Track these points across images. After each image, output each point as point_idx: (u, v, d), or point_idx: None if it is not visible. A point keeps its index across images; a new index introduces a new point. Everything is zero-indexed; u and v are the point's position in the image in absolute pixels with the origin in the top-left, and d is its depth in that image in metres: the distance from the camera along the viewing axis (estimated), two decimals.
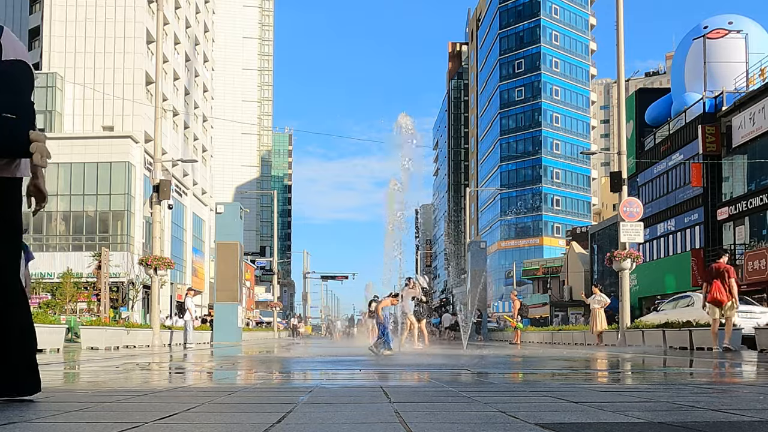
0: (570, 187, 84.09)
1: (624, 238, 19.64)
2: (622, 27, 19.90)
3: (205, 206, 61.46)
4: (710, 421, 2.73)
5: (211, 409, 3.29)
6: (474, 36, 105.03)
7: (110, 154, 42.18)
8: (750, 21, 39.95)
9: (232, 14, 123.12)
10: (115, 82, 44.86)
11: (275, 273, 54.92)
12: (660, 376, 7.09)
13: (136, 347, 17.98)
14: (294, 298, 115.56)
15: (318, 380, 6.24)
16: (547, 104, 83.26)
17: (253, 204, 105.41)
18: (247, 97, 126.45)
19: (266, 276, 71.53)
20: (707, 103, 35.96)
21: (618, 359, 10.90)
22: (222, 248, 29.40)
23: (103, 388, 4.98)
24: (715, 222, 35.19)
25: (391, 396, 3.84)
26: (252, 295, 72.61)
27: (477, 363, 9.98)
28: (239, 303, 29.07)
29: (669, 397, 3.87)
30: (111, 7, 45.52)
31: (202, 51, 63.68)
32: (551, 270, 67.83)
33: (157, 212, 22.27)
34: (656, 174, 41.68)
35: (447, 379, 6.56)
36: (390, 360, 10.77)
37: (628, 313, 20.05)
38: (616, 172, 20.69)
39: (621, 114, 21.90)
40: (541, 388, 4.91)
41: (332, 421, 2.73)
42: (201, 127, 63.28)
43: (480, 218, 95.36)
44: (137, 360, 10.66)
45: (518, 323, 27.76)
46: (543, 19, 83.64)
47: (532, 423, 2.62)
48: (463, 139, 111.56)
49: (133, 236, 43.00)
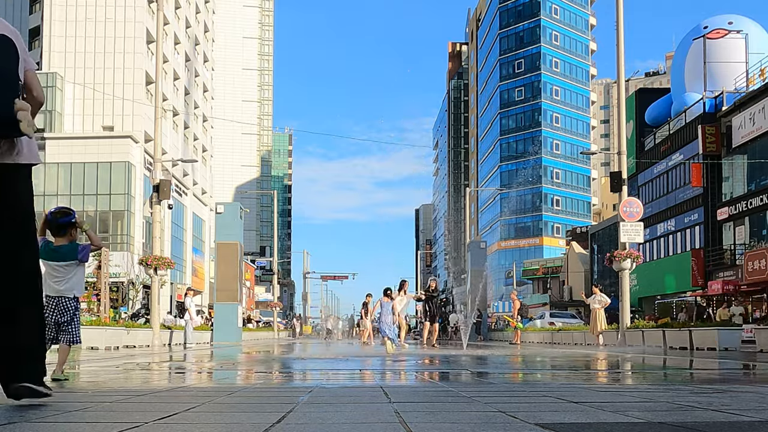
0: (570, 187, 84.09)
1: (624, 238, 19.64)
2: (622, 27, 19.91)
3: (205, 206, 61.45)
4: (710, 421, 2.73)
5: (211, 409, 3.29)
6: (474, 36, 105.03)
7: (110, 154, 42.16)
8: (750, 21, 39.95)
9: (232, 14, 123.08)
10: (115, 82, 44.83)
11: (275, 273, 54.92)
12: (660, 376, 7.09)
13: (136, 347, 17.98)
14: (294, 298, 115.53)
15: (318, 380, 6.24)
16: (547, 104, 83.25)
17: (253, 204, 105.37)
18: (247, 97, 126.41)
19: (266, 276, 71.55)
20: (707, 103, 35.96)
21: (618, 359, 10.90)
22: (222, 248, 29.39)
23: (103, 388, 4.98)
24: (715, 222, 35.19)
25: (391, 396, 3.84)
26: (252, 295, 72.58)
27: (477, 363, 9.97)
28: (239, 303, 29.06)
29: (669, 397, 3.87)
30: (111, 7, 45.48)
31: (202, 51, 63.67)
32: (551, 270, 67.81)
33: (157, 212, 22.28)
34: (656, 174, 41.68)
35: (447, 378, 6.56)
36: (390, 359, 10.76)
37: (628, 314, 20.07)
38: (616, 172, 20.69)
39: (621, 114, 21.91)
40: (541, 388, 4.91)
41: (332, 421, 2.73)
42: (201, 127, 63.27)
43: (480, 218, 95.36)
44: (137, 360, 10.67)
45: (518, 323, 27.76)
46: (543, 19, 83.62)
47: (532, 423, 2.62)
48: (463, 139, 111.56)
49: (133, 236, 42.99)
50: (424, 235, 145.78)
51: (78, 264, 5.40)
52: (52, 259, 5.29)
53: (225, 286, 28.75)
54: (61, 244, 5.29)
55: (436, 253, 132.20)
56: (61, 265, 5.33)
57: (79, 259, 5.38)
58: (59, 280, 5.34)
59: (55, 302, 5.37)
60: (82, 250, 5.36)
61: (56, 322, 5.38)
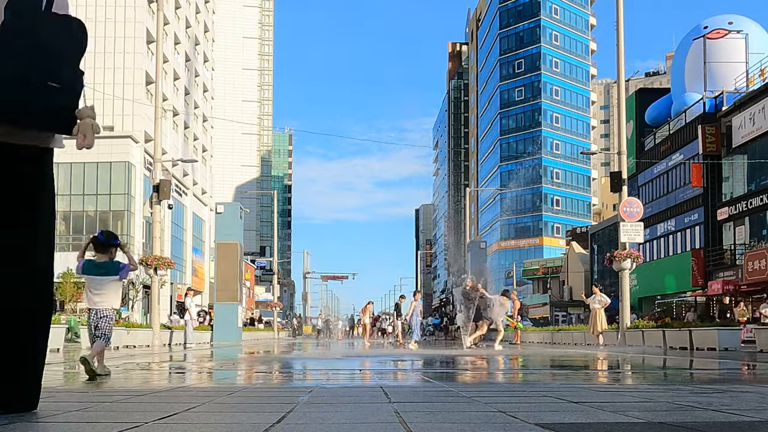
0: (570, 187, 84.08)
1: (624, 238, 19.64)
2: (622, 27, 19.90)
3: (205, 206, 61.44)
4: (710, 421, 2.73)
5: (211, 409, 3.29)
6: (474, 36, 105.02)
7: (110, 154, 42.13)
8: (750, 21, 39.95)
9: (232, 14, 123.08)
10: (115, 82, 44.81)
11: (275, 273, 54.91)
12: (660, 376, 7.09)
13: (136, 347, 17.98)
14: (294, 298, 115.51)
15: (318, 380, 6.24)
16: (547, 104, 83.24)
17: (253, 204, 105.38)
18: (247, 97, 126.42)
19: (266, 276, 71.51)
20: (707, 103, 35.96)
21: (618, 359, 10.90)
22: (222, 248, 29.39)
23: (103, 388, 4.98)
24: (715, 222, 35.19)
25: (391, 396, 3.84)
26: (252, 295, 72.57)
27: (477, 363, 9.97)
28: (239, 303, 29.06)
29: (669, 397, 3.87)
30: (111, 7, 45.48)
31: (202, 51, 63.67)
32: (551, 270, 67.82)
33: (157, 212, 22.28)
34: (656, 174, 41.68)
35: (447, 378, 6.56)
36: (390, 360, 10.78)
37: (628, 314, 20.06)
38: (616, 172, 20.69)
39: (621, 114, 21.90)
40: (541, 388, 4.91)
41: (332, 421, 2.73)
42: (201, 127, 63.27)
43: (480, 218, 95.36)
44: (137, 360, 10.66)
45: (518, 323, 27.73)
46: (543, 19, 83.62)
47: (532, 423, 2.62)
48: (463, 139, 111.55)
49: (133, 236, 42.98)
50: (424, 235, 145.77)
51: (117, 280, 6.11)
52: (97, 274, 6.00)
53: (225, 286, 28.75)
54: (104, 261, 5.99)
55: (436, 253, 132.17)
56: (103, 280, 6.03)
57: (119, 277, 6.07)
58: (99, 293, 6.06)
59: (94, 313, 6.12)
60: (123, 269, 6.06)
61: (96, 326, 6.12)
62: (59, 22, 2.75)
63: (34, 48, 2.68)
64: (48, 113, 2.72)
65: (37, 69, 2.67)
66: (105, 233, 6.07)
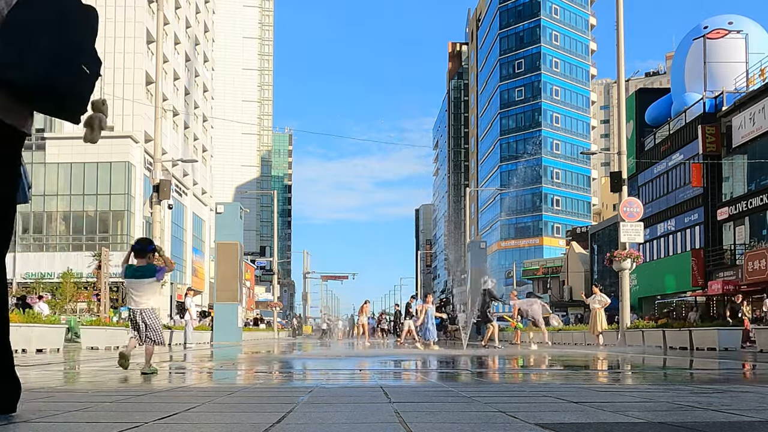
0: (570, 187, 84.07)
1: (624, 238, 19.64)
2: (622, 27, 19.91)
3: (205, 206, 61.44)
4: (710, 421, 2.73)
5: (211, 409, 3.29)
6: (474, 36, 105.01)
7: (110, 154, 42.13)
8: (750, 21, 39.93)
9: (232, 14, 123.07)
10: (115, 82, 44.79)
11: (275, 273, 54.89)
12: (660, 376, 7.09)
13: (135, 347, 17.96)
14: (294, 298, 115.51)
15: (318, 380, 6.24)
16: (547, 104, 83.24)
17: (253, 204, 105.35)
18: (247, 97, 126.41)
19: (266, 276, 71.48)
20: (707, 103, 35.94)
21: (618, 359, 10.90)
22: (222, 248, 29.37)
23: (103, 388, 4.98)
24: (715, 222, 35.18)
25: (391, 396, 3.84)
26: (252, 295, 72.56)
27: (477, 363, 9.97)
28: (239, 303, 29.05)
29: (669, 397, 3.87)
30: (111, 7, 45.45)
31: (202, 51, 63.67)
32: (551, 270, 67.79)
33: (157, 212, 22.28)
34: (656, 174, 41.66)
35: (447, 378, 6.56)
36: (390, 359, 10.78)
37: (628, 314, 20.06)
38: (616, 172, 20.69)
39: (621, 114, 21.91)
40: (541, 388, 4.91)
41: (332, 421, 2.73)
42: (201, 127, 63.26)
43: (480, 218, 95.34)
44: (137, 360, 10.65)
45: (518, 323, 27.70)
46: (543, 19, 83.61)
47: (532, 423, 2.62)
48: (463, 139, 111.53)
49: (133, 236, 42.94)
50: (424, 235, 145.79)
51: (154, 281, 6.63)
52: (136, 277, 6.54)
53: (225, 286, 28.74)
54: (142, 265, 6.53)
55: (436, 253, 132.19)
56: (141, 282, 6.55)
57: (156, 278, 6.60)
58: (138, 294, 6.59)
59: (139, 312, 6.66)
60: (159, 271, 6.58)
61: (145, 325, 6.69)
62: (85, 6, 2.76)
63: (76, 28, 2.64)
64: (78, 96, 2.63)
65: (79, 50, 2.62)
66: (140, 241, 6.81)
